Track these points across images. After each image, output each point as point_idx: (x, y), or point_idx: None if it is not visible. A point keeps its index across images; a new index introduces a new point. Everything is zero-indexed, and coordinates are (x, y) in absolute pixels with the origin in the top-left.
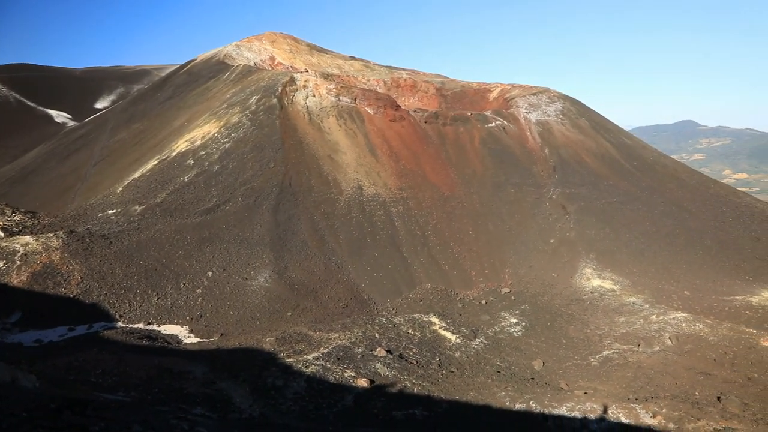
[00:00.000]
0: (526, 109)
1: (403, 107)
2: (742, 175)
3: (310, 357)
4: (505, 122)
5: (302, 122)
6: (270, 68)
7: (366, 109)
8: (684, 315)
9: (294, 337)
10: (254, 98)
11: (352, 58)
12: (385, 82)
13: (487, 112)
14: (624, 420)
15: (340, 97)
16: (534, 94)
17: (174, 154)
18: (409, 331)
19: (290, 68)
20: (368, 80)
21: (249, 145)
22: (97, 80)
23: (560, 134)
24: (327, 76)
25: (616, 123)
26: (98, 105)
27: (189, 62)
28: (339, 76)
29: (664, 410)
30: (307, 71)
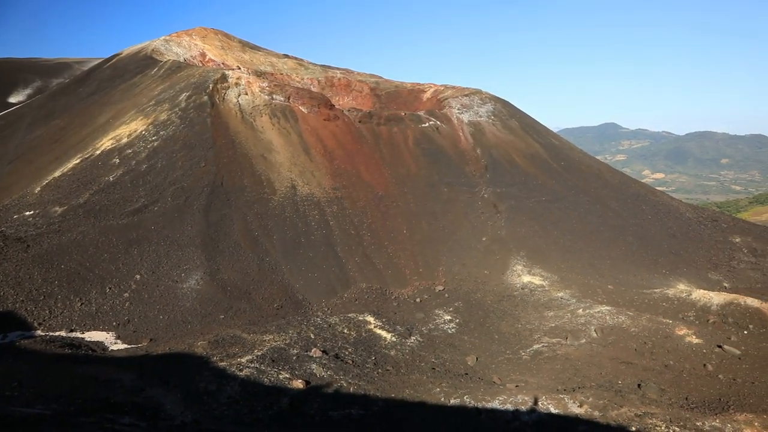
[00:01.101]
0: (458, 109)
1: (337, 106)
2: (660, 175)
3: (244, 360)
4: (438, 122)
5: (234, 120)
6: (201, 65)
7: (300, 107)
8: (608, 308)
9: (227, 340)
10: (184, 95)
11: (286, 56)
12: (319, 81)
13: (421, 113)
14: (553, 410)
15: (274, 96)
16: (466, 95)
17: (98, 152)
18: (345, 331)
19: (222, 65)
20: (302, 79)
21: (179, 143)
22: (9, 72)
23: (492, 135)
24: (260, 74)
25: (544, 124)
26: (12, 99)
27: (114, 56)
28: (272, 74)
29: (590, 399)
30: (240, 69)
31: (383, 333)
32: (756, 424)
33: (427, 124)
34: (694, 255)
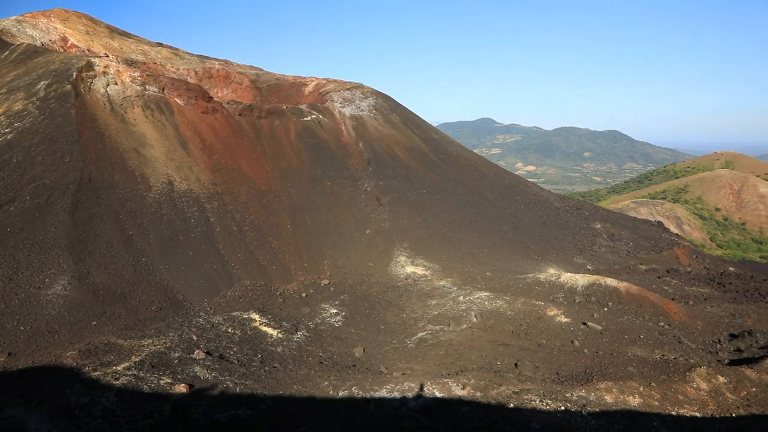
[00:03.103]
0: (340, 103)
1: (216, 99)
2: (531, 168)
3: (120, 368)
4: (320, 116)
5: (103, 112)
6: (62, 50)
7: (176, 99)
8: (486, 294)
9: (101, 348)
10: (43, 83)
11: (160, 44)
12: (196, 72)
13: (303, 106)
14: (438, 394)
15: (147, 86)
16: (348, 89)
17: None
18: (229, 330)
19: (87, 52)
20: (177, 69)
21: (38, 136)
22: None
23: (374, 129)
24: (131, 63)
25: (424, 119)
26: None
27: None
28: (145, 63)
29: (471, 381)
30: (108, 56)
31: (269, 330)
32: (614, 390)
33: (309, 118)
34: (562, 241)
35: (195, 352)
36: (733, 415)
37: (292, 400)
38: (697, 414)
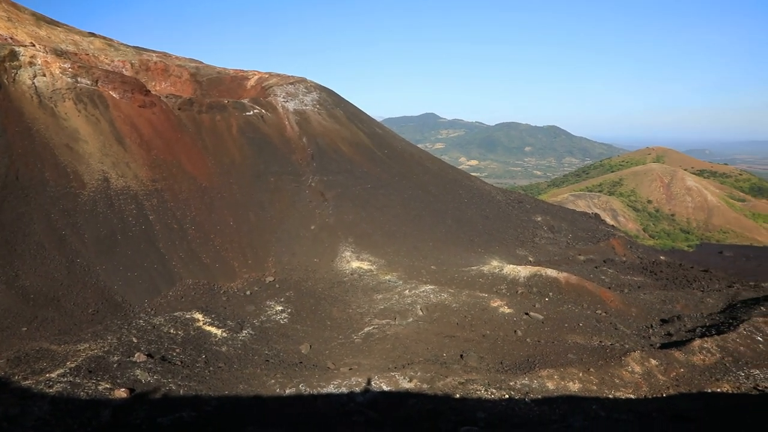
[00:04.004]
0: (283, 98)
1: (154, 92)
2: (474, 162)
3: (54, 375)
4: (263, 111)
5: (30, 106)
6: None
7: (111, 93)
8: (432, 287)
9: (32, 355)
10: None
11: (92, 34)
12: (132, 64)
13: (245, 100)
14: (386, 388)
15: (79, 79)
16: (291, 84)
17: None
18: (171, 331)
19: (10, 40)
20: (112, 61)
21: None
22: None
23: (317, 123)
24: (61, 53)
25: (368, 114)
26: None
27: None
28: (76, 54)
29: (418, 373)
30: (34, 45)
31: (213, 329)
32: (555, 376)
33: (251, 113)
34: (505, 234)
35: (135, 355)
36: (664, 395)
37: (239, 400)
38: (632, 396)
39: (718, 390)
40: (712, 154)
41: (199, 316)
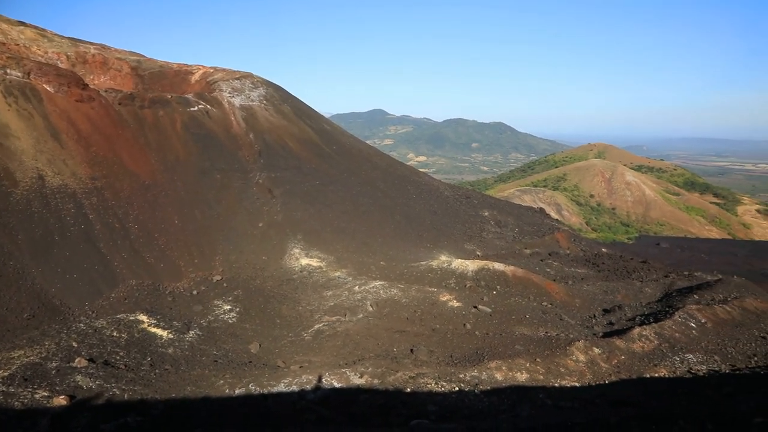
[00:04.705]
0: (229, 93)
1: (92, 86)
2: (422, 158)
3: None
4: (208, 106)
5: None
6: None
7: (45, 86)
8: (381, 283)
9: None
10: None
11: (22, 23)
12: (68, 57)
13: (189, 95)
14: (337, 385)
15: (8, 71)
16: (237, 79)
17: None
18: (114, 334)
19: None
20: (46, 53)
21: None
22: None
23: (264, 119)
24: None
25: (316, 110)
26: None
27: None
28: (4, 44)
29: (369, 369)
30: None
31: (158, 331)
32: (504, 368)
33: (196, 108)
34: (453, 229)
35: (76, 360)
36: (607, 381)
37: (186, 403)
38: (577, 383)
39: (656, 375)
40: (649, 150)
41: (143, 317)
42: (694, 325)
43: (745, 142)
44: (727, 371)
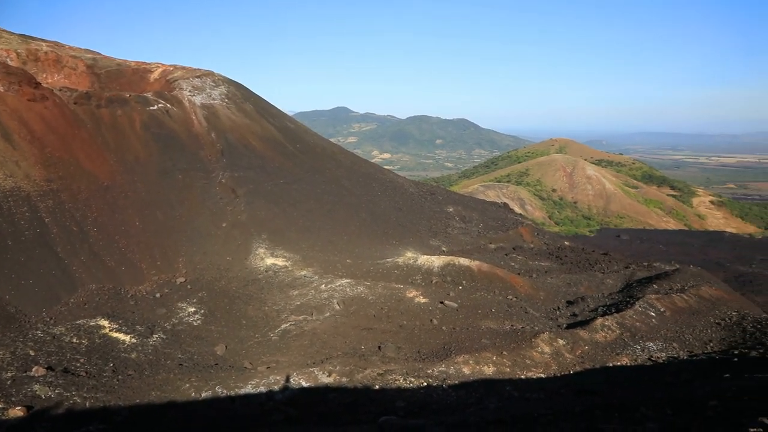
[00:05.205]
0: (190, 92)
1: (45, 85)
2: (387, 155)
3: None
4: (168, 105)
5: None
6: None
7: None
8: (348, 281)
9: None
10: None
11: None
12: (18, 54)
13: (148, 94)
14: (305, 384)
15: None
16: (198, 77)
17: None
18: (74, 340)
19: None
20: None
21: None
22: None
23: (226, 118)
24: None
25: (279, 108)
26: None
27: None
28: None
29: (337, 367)
30: None
31: (121, 336)
32: (471, 362)
33: (155, 107)
34: (418, 225)
35: (33, 369)
36: (571, 372)
37: (151, 408)
38: (542, 375)
39: (618, 364)
40: (608, 145)
41: (104, 322)
42: (653, 314)
43: (699, 136)
44: (685, 357)
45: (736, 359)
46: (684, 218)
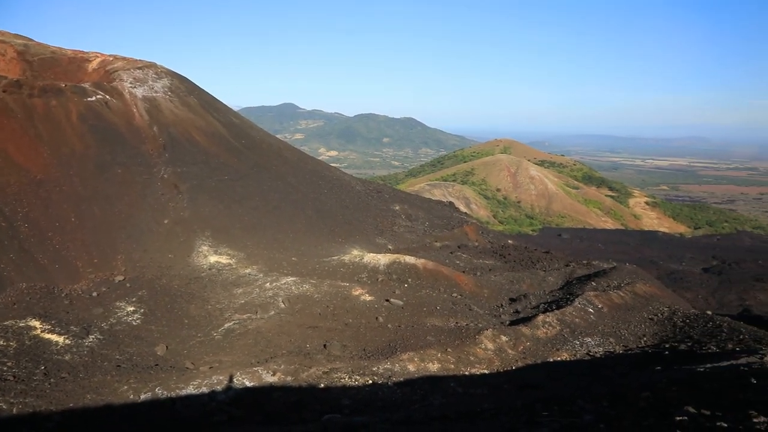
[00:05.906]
0: (131, 83)
1: None
2: (334, 153)
3: None
4: (107, 97)
5: None
6: None
7: None
8: (293, 279)
9: None
10: None
11: None
12: None
13: (86, 85)
14: (249, 384)
15: None
16: (140, 68)
17: None
18: (1, 343)
19: None
20: None
21: None
22: None
23: (169, 112)
24: None
25: (225, 102)
26: None
27: None
28: None
29: (282, 366)
30: None
31: (53, 337)
32: (416, 359)
33: (94, 98)
34: (364, 223)
35: None
36: (514, 367)
37: (86, 412)
38: (486, 371)
39: (559, 359)
40: (551, 146)
41: (36, 323)
42: (592, 310)
43: (635, 139)
44: (621, 352)
45: (667, 352)
46: (621, 218)
